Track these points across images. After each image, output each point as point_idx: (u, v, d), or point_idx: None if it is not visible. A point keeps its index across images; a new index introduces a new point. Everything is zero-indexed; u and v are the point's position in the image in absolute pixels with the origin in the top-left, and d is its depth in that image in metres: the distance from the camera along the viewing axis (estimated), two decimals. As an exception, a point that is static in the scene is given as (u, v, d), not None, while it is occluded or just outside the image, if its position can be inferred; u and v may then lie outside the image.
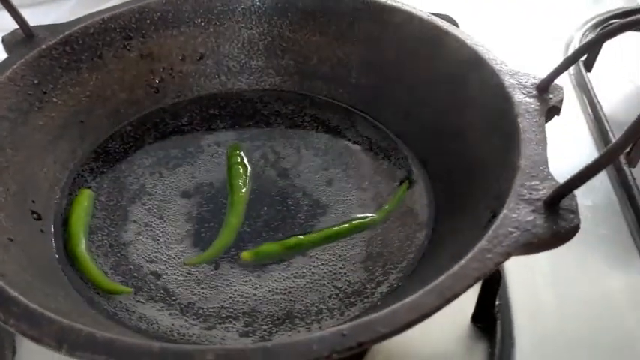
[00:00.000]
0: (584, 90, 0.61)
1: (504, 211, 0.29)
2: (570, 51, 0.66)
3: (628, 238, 0.48)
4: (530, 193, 0.30)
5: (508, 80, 0.37)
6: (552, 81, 0.36)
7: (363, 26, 0.45)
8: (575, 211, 0.29)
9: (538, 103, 0.35)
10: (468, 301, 0.41)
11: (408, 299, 0.25)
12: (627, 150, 0.53)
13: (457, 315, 0.42)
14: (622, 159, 0.52)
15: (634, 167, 0.52)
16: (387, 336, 0.24)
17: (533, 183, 0.30)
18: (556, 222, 0.28)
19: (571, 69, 0.64)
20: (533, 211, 0.29)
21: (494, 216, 0.29)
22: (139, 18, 0.45)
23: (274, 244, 0.37)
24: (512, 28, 0.72)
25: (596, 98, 0.59)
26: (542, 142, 0.32)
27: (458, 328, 0.41)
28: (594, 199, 0.51)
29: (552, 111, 0.36)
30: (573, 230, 0.29)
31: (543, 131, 0.33)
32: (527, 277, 0.44)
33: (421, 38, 0.42)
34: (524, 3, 0.76)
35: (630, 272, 0.45)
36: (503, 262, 0.27)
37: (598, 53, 0.64)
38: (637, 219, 0.48)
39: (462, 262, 0.27)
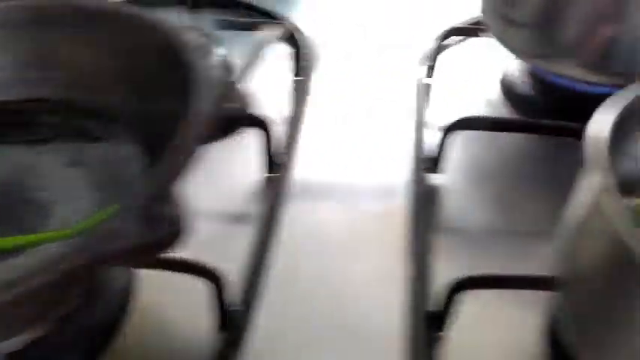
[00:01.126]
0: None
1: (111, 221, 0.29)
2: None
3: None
4: (140, 202, 0.29)
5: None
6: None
7: (114, 36, 0.45)
8: (174, 219, 0.28)
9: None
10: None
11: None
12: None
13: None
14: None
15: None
16: None
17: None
18: (153, 230, 0.28)
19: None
20: (128, 218, 0.28)
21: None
22: None
23: None
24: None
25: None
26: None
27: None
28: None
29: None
30: (169, 239, 0.28)
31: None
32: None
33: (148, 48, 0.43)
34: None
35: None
36: (75, 271, 0.27)
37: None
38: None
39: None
